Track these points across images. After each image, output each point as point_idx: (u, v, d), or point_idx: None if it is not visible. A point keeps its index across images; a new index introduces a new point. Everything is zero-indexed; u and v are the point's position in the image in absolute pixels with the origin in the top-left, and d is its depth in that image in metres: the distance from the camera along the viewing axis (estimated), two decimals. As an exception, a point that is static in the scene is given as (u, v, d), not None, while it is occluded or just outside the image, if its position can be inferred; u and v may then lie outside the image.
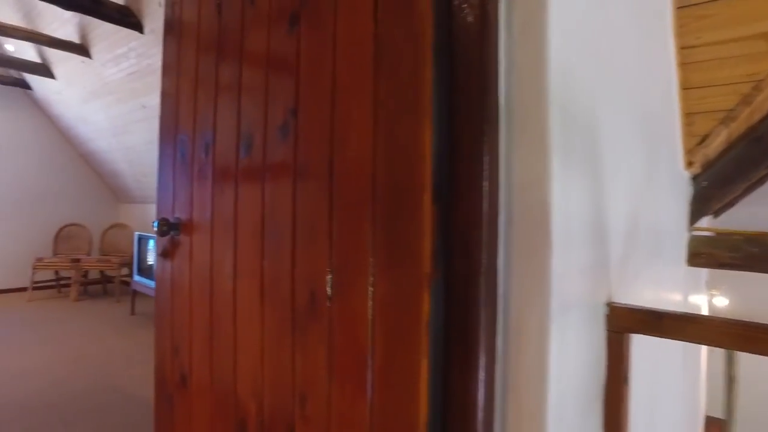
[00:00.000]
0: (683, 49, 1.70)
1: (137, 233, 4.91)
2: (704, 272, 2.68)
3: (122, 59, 3.94)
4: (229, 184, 1.10)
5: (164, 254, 1.29)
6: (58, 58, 4.62)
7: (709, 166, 2.04)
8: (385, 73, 0.81)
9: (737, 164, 1.99)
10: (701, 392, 2.45)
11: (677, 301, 1.89)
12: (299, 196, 0.93)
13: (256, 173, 1.03)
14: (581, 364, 0.84)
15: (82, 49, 4.19)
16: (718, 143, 1.95)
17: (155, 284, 1.33)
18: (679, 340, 0.91)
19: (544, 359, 0.73)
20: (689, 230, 2.06)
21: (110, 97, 4.55)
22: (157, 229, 1.20)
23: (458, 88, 0.78)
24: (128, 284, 5.56)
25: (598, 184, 0.94)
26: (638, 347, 0.98)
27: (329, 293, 0.88)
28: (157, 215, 1.32)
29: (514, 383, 0.76)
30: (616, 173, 1.05)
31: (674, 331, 0.88)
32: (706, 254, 2.04)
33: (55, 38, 4.15)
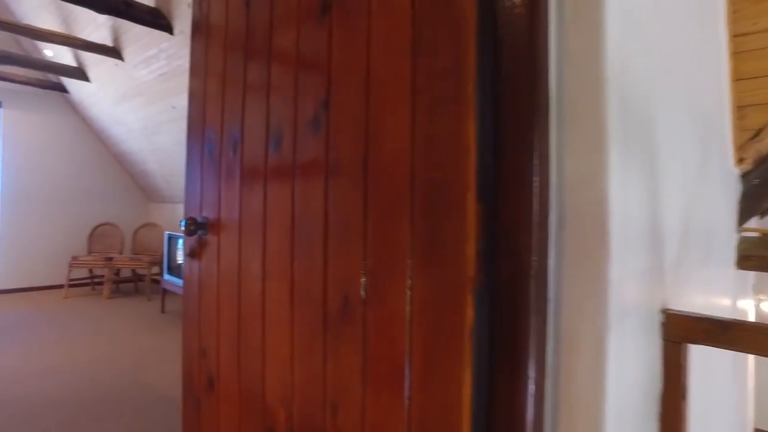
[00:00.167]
0: (736, 36, 1.59)
1: (167, 233, 4.98)
2: (751, 275, 2.54)
3: (153, 60, 4.00)
4: (257, 181, 1.06)
5: (192, 254, 1.26)
6: (92, 61, 4.73)
7: (761, 162, 1.91)
8: (423, 60, 0.76)
9: (793, 161, 1.86)
10: (750, 403, 2.31)
11: (726, 306, 1.78)
12: (331, 193, 0.88)
13: (285, 170, 0.99)
14: (637, 377, 0.77)
15: (114, 51, 4.27)
16: (773, 138, 1.83)
17: (183, 284, 1.31)
18: (747, 352, 0.82)
19: (600, 372, 0.66)
20: (738, 231, 1.94)
21: (141, 98, 4.62)
22: (184, 228, 1.18)
23: (504, 76, 0.72)
24: (158, 283, 5.65)
25: (653, 180, 0.86)
26: (691, 357, 0.90)
27: (364, 296, 0.83)
28: (184, 214, 1.29)
29: (566, 398, 0.69)
30: (670, 170, 0.96)
31: (743, 342, 0.80)
32: (757, 257, 1.92)
33: (90, 42, 4.24)
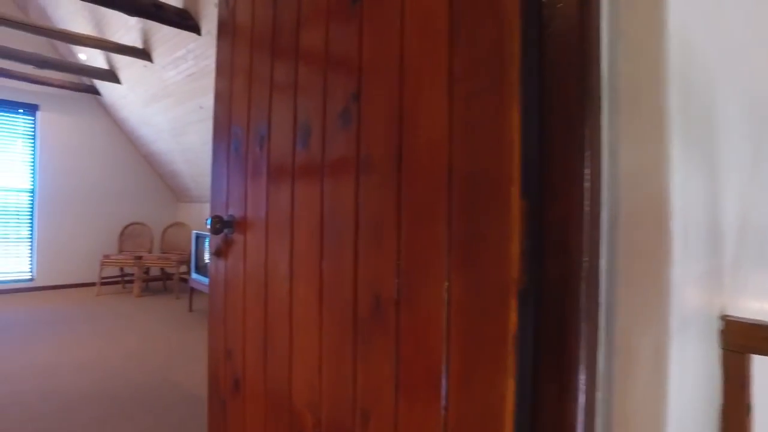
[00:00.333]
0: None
1: (195, 232, 5.04)
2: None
3: (181, 61, 4.04)
4: (284, 178, 1.03)
5: (218, 253, 1.24)
6: (123, 63, 4.82)
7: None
8: (462, 45, 0.71)
9: None
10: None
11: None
12: (362, 189, 0.84)
13: (314, 166, 0.95)
14: (697, 390, 0.70)
15: (144, 53, 4.33)
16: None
17: (209, 284, 1.29)
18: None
19: (661, 384, 0.60)
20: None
21: (170, 99, 4.69)
22: (210, 226, 1.15)
23: (550, 60, 0.66)
24: (187, 281, 5.73)
25: (714, 176, 0.79)
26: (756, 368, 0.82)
27: (396, 298, 0.78)
28: (210, 212, 1.27)
29: (620, 411, 0.63)
30: (729, 163, 0.89)
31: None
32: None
33: (121, 44, 4.32)
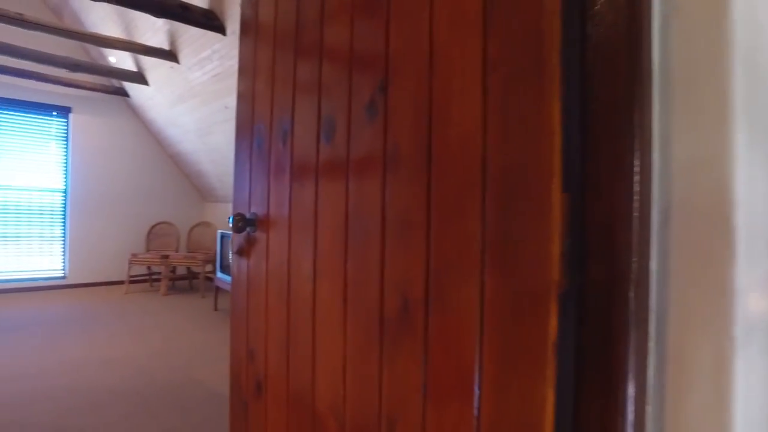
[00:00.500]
0: None
1: (220, 231, 5.09)
2: None
3: (206, 62, 4.08)
4: (308, 174, 1.00)
5: (240, 252, 1.21)
6: (150, 65, 4.90)
7: None
8: (497, 28, 0.66)
9: None
10: None
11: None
12: (389, 185, 0.80)
13: (338, 161, 0.91)
14: (764, 407, 0.63)
15: (171, 55, 4.39)
16: None
17: (231, 283, 1.26)
18: None
19: (725, 401, 0.54)
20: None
21: (195, 99, 4.74)
22: (232, 225, 1.13)
23: (595, 41, 0.61)
24: (212, 280, 5.80)
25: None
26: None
27: (425, 299, 0.73)
28: (233, 210, 1.25)
29: (673, 430, 0.57)
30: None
31: None
32: None
33: (148, 46, 4.39)
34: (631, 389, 0.57)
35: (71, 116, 5.84)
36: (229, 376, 1.28)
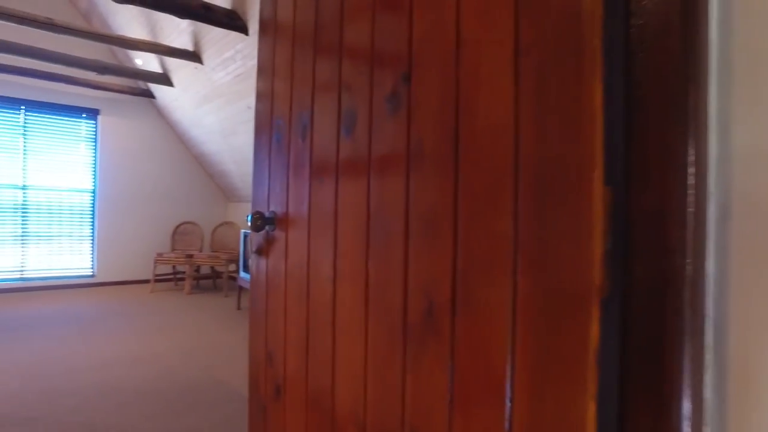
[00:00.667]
0: None
1: (243, 231, 5.12)
2: None
3: (229, 62, 4.10)
4: (328, 170, 0.96)
5: (259, 251, 1.18)
6: (175, 66, 4.96)
7: None
8: (530, 8, 0.60)
9: None
10: None
11: None
12: (413, 180, 0.75)
13: (359, 155, 0.87)
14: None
15: (195, 56, 4.43)
16: None
17: (250, 283, 1.24)
18: None
19: (793, 423, 0.47)
20: None
21: (219, 100, 4.78)
22: (250, 223, 1.10)
23: (641, 18, 0.55)
24: (235, 279, 5.85)
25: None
26: None
27: (452, 303, 0.68)
28: (252, 209, 1.22)
29: (734, 452, 0.51)
30: None
31: None
32: None
33: (173, 48, 4.44)
34: (686, 407, 0.51)
35: (99, 118, 5.97)
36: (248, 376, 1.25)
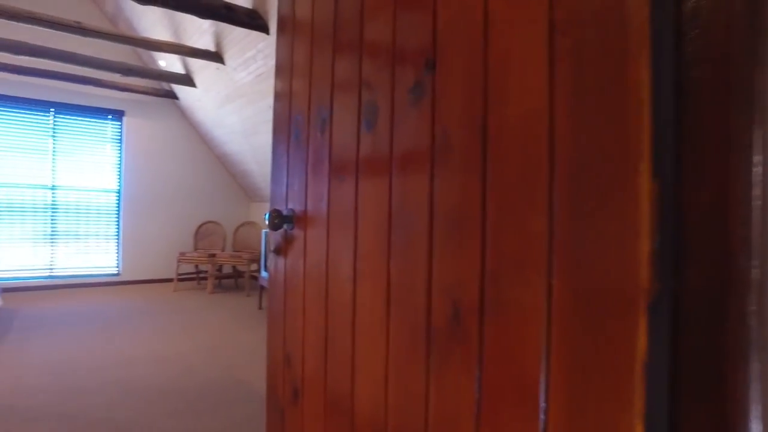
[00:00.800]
0: None
1: (265, 231, 5.13)
2: None
3: (251, 62, 4.11)
4: (348, 165, 0.91)
5: (277, 250, 1.15)
6: (198, 67, 5.00)
7: None
8: (570, -15, 0.55)
9: None
10: None
11: None
12: (438, 175, 0.70)
13: (381, 150, 0.82)
14: None
15: (217, 56, 4.46)
16: None
17: (268, 284, 1.20)
18: None
19: None
20: None
21: (241, 100, 4.80)
22: (268, 222, 1.06)
23: (697, -7, 0.49)
24: (257, 279, 5.87)
25: None
26: None
27: (480, 307, 0.63)
28: (270, 207, 1.18)
29: (806, 481, 0.45)
30: None
31: None
32: None
33: (195, 48, 4.48)
34: (756, 426, 0.44)
35: (125, 119, 6.07)
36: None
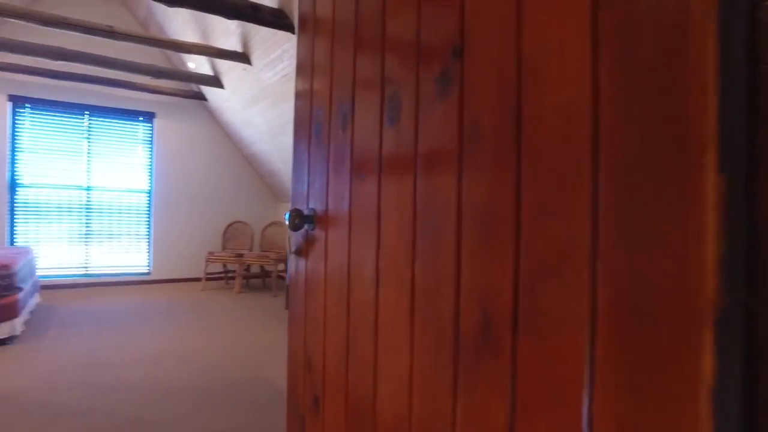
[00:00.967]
0: None
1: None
2: None
3: (277, 62, 4.11)
4: (370, 162, 0.86)
5: (298, 252, 1.11)
6: (225, 68, 5.05)
7: None
8: (619, -47, 0.48)
9: None
10: None
11: None
12: (467, 171, 0.64)
13: (405, 145, 0.77)
14: None
15: (244, 57, 4.49)
16: None
17: (288, 286, 1.17)
18: None
19: None
20: None
21: (267, 100, 4.82)
22: (288, 222, 1.02)
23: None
24: (284, 279, 5.89)
25: None
26: None
27: (513, 316, 0.57)
28: (291, 206, 1.15)
29: None
30: None
31: None
32: None
33: (222, 49, 4.52)
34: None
35: (155, 121, 6.19)
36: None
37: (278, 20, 3.54)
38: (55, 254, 5.72)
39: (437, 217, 0.69)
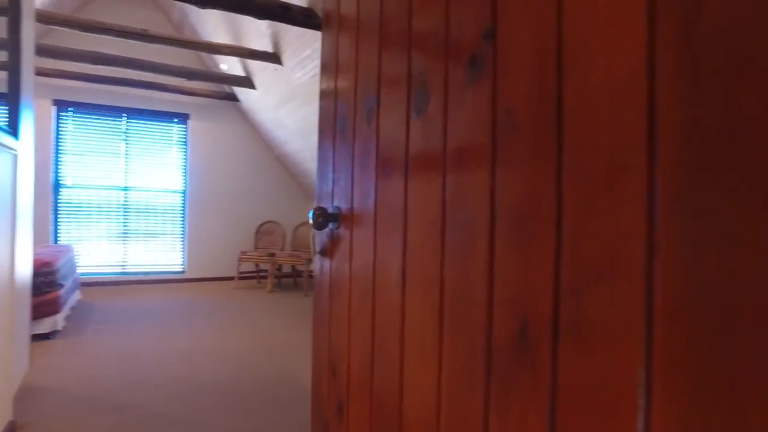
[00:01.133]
0: None
1: (320, 230, 5.14)
2: None
3: (307, 61, 4.11)
4: (396, 158, 0.81)
5: (323, 251, 1.07)
6: (257, 69, 5.10)
7: None
8: None
9: None
10: None
11: None
12: (501, 164, 0.58)
13: (433, 137, 0.71)
14: None
15: (275, 57, 4.51)
16: None
17: (314, 287, 1.13)
18: None
19: None
20: None
21: (298, 100, 4.83)
22: (312, 221, 0.98)
23: None
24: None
25: None
26: None
27: (554, 325, 0.51)
28: (315, 204, 1.11)
29: None
30: None
31: None
32: None
33: (254, 50, 4.56)
34: None
35: (189, 122, 6.32)
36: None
37: (309, 19, 3.53)
38: (94, 253, 5.92)
39: (468, 214, 0.63)
